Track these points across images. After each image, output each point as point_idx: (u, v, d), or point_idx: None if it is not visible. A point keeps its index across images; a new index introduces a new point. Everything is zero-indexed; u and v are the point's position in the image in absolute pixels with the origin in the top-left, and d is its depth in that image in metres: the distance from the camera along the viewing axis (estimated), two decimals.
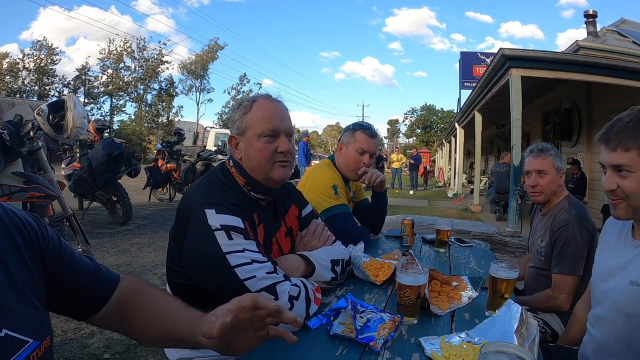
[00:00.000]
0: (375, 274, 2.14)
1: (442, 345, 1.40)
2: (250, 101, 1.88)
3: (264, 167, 1.82)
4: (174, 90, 57.59)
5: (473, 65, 27.13)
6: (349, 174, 3.02)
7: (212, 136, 24.76)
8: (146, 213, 10.81)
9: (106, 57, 52.41)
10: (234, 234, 1.62)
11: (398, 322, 1.56)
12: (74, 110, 4.70)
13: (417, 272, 1.67)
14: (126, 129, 48.80)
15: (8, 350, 0.91)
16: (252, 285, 1.55)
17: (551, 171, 2.76)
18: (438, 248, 2.95)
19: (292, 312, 1.49)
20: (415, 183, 23.23)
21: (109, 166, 7.70)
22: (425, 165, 23.73)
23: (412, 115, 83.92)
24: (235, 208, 1.70)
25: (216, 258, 1.58)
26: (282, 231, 2.01)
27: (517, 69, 9.07)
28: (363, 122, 3.16)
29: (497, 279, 1.81)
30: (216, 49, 58.74)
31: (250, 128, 1.83)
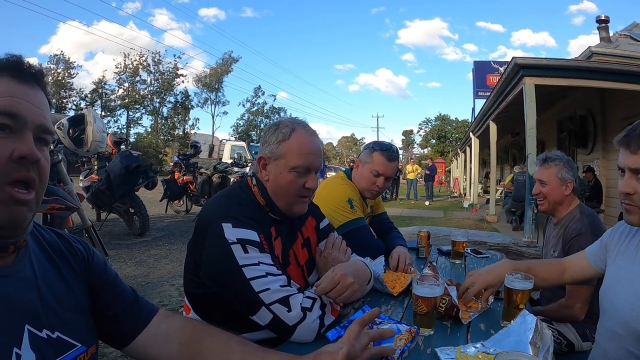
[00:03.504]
0: (392, 285, 2.16)
1: (457, 355, 1.41)
2: (290, 129, 1.87)
3: (288, 198, 1.86)
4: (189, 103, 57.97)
5: (486, 74, 27.02)
6: (363, 192, 2.98)
7: (227, 149, 24.92)
8: (163, 225, 10.90)
9: (122, 70, 52.96)
10: (250, 248, 1.65)
11: (415, 333, 1.58)
12: (94, 124, 4.80)
13: (433, 283, 1.69)
14: (142, 142, 49.11)
15: (59, 350, 1.04)
16: (266, 297, 1.59)
17: (553, 181, 2.76)
18: (454, 259, 2.95)
19: (304, 322, 1.58)
20: (431, 194, 23.08)
21: (126, 178, 7.80)
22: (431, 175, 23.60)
23: (427, 125, 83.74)
24: (251, 222, 1.73)
25: (232, 270, 1.62)
26: (299, 242, 2.03)
27: (530, 77, 9.01)
28: (384, 143, 3.07)
29: (512, 289, 1.82)
30: (230, 62, 59.07)
31: (285, 157, 1.84)
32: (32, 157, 0.97)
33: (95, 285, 1.24)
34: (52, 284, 1.11)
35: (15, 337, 0.95)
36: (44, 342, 1.00)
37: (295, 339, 1.58)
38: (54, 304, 1.08)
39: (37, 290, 1.05)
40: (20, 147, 0.96)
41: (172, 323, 1.33)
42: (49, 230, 1.23)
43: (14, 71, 0.99)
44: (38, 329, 1.00)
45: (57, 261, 1.17)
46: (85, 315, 1.17)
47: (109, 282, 1.29)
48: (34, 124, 0.99)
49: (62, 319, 1.08)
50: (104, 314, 1.24)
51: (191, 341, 1.29)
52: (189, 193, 12.32)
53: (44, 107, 1.04)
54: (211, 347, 1.27)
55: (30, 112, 0.99)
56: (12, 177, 0.95)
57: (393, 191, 23.42)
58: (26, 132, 0.98)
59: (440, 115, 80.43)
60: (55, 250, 1.19)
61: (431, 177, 23.48)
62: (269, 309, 1.58)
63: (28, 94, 1.00)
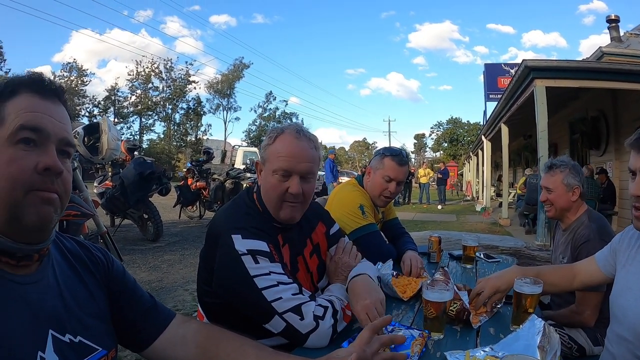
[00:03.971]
0: (402, 290, 2.19)
1: (466, 359, 1.43)
2: (277, 132, 1.89)
3: (273, 202, 1.85)
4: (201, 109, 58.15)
5: (497, 76, 26.82)
6: (375, 199, 3.00)
7: (240, 154, 25.04)
8: (176, 230, 10.97)
9: (135, 78, 53.27)
10: (260, 258, 1.69)
11: (427, 337, 1.60)
12: (109, 132, 4.88)
13: (442, 288, 1.71)
14: (155, 148, 49.34)
15: (81, 354, 1.10)
16: (279, 306, 1.62)
17: (558, 188, 2.76)
18: (465, 264, 2.96)
19: (317, 331, 1.60)
20: (443, 197, 22.93)
21: (140, 185, 7.88)
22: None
23: (438, 129, 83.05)
24: (259, 232, 1.76)
25: (244, 281, 1.66)
26: (308, 249, 2.05)
27: (541, 79, 8.97)
28: (394, 148, 3.10)
29: (521, 294, 1.84)
30: (242, 67, 59.18)
31: (269, 161, 1.86)
32: (56, 169, 1.03)
33: (115, 292, 1.30)
34: (74, 291, 1.17)
35: (40, 341, 1.01)
36: (66, 346, 1.06)
37: (309, 345, 1.61)
38: (76, 310, 1.14)
39: (60, 296, 1.11)
40: (44, 159, 1.01)
41: (188, 327, 1.38)
42: (70, 239, 1.29)
43: (36, 88, 1.06)
44: (61, 333, 1.06)
45: (79, 269, 1.23)
46: (105, 320, 1.23)
47: (128, 289, 1.35)
48: (57, 138, 1.05)
49: (84, 324, 1.14)
50: (123, 319, 1.29)
51: (207, 345, 1.34)
52: (202, 199, 12.39)
53: (66, 121, 1.10)
54: (226, 350, 1.32)
55: (52, 127, 1.05)
56: (38, 188, 1.01)
57: (405, 195, 23.35)
58: (49, 146, 1.04)
59: (452, 119, 79.78)
60: (76, 258, 1.25)
61: (443, 180, 23.37)
62: (282, 317, 1.61)
63: (50, 109, 1.06)
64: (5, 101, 1.02)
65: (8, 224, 1.00)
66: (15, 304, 1.00)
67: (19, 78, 1.07)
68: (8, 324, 0.96)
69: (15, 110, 1.01)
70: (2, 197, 0.98)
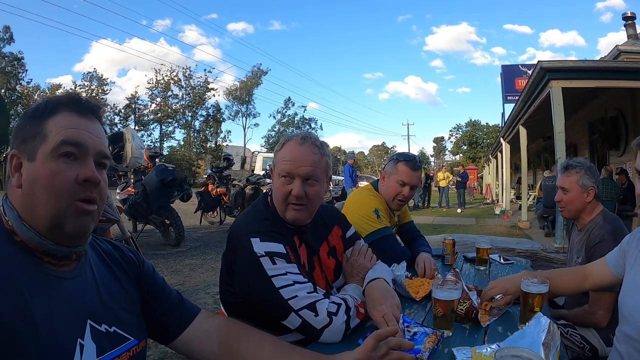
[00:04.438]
0: (415, 290, 2.26)
1: (473, 355, 1.49)
2: (285, 140, 2.02)
3: (279, 204, 1.96)
4: (220, 116, 58.70)
5: (515, 78, 26.53)
6: (389, 203, 3.09)
7: (259, 160, 25.17)
8: (197, 235, 11.10)
9: (154, 86, 53.87)
10: (277, 259, 1.80)
11: (440, 336, 1.67)
12: (132, 142, 5.03)
13: (451, 288, 1.79)
14: (176, 155, 49.74)
15: (115, 342, 1.23)
16: (295, 304, 1.72)
17: (574, 189, 2.78)
18: (478, 266, 3.01)
19: (331, 326, 1.70)
20: (463, 201, 22.72)
21: (162, 191, 8.01)
22: None
23: (457, 131, 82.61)
24: (276, 235, 1.87)
25: (263, 281, 1.76)
26: (325, 250, 2.14)
27: (557, 80, 8.94)
28: (407, 154, 3.18)
29: (528, 293, 1.89)
30: (260, 74, 59.63)
31: (276, 165, 1.98)
32: (94, 180, 1.16)
33: (146, 289, 1.44)
34: (109, 287, 1.30)
35: (80, 329, 1.13)
36: (103, 335, 1.19)
37: (323, 340, 1.70)
38: (111, 303, 1.27)
39: (97, 291, 1.25)
40: (84, 171, 1.14)
41: (213, 322, 1.50)
42: (105, 242, 1.44)
43: (74, 107, 1.19)
44: (98, 323, 1.19)
45: (113, 267, 1.38)
46: (137, 314, 1.37)
47: (157, 286, 1.49)
48: (95, 151, 1.18)
49: (118, 316, 1.27)
50: (153, 314, 1.43)
51: (229, 339, 1.46)
52: (223, 204, 12.54)
53: (102, 136, 1.24)
54: (247, 344, 1.44)
55: (91, 141, 1.18)
56: (79, 197, 1.14)
57: (425, 199, 23.28)
58: (88, 159, 1.16)
59: (471, 121, 79.19)
60: (111, 258, 1.39)
61: (463, 184, 23.21)
62: (298, 314, 1.71)
63: (88, 125, 1.19)
64: (47, 119, 1.15)
65: (51, 231, 1.13)
66: (58, 297, 1.12)
67: (58, 98, 1.20)
68: (53, 313, 1.08)
69: (56, 128, 1.14)
70: (47, 207, 1.11)
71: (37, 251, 1.13)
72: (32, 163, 1.13)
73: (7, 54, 45.37)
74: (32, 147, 1.13)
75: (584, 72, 8.97)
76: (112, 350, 1.20)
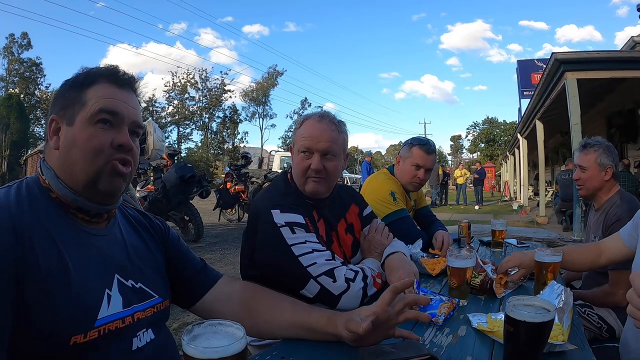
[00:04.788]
0: (432, 267, 2.33)
1: (488, 320, 1.52)
2: (304, 118, 2.12)
3: (299, 179, 2.07)
4: (237, 117, 58.84)
5: (531, 73, 26.25)
6: (406, 185, 3.17)
7: (277, 159, 25.40)
8: (216, 232, 11.20)
9: (171, 89, 54.23)
10: (297, 229, 1.88)
11: (455, 304, 1.73)
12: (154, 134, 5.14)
13: (465, 257, 1.85)
14: (193, 156, 49.90)
15: (140, 297, 1.31)
16: (313, 270, 1.80)
17: (592, 167, 2.78)
18: (494, 248, 3.05)
19: (348, 292, 1.77)
20: (481, 198, 22.42)
21: (181, 188, 8.13)
22: None
23: (475, 129, 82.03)
24: (296, 207, 1.97)
25: (283, 250, 1.85)
26: (343, 226, 2.22)
27: (571, 72, 8.91)
28: (421, 137, 3.28)
29: (542, 263, 1.93)
30: (276, 75, 59.76)
31: (296, 143, 2.09)
32: (128, 146, 1.27)
33: (171, 253, 1.54)
34: (136, 247, 1.40)
35: (108, 282, 1.22)
36: (129, 290, 1.28)
37: (341, 307, 1.76)
38: (138, 262, 1.37)
39: (125, 250, 1.35)
40: (118, 137, 1.25)
41: (234, 286, 1.60)
42: (133, 210, 1.55)
43: (113, 78, 1.30)
44: (125, 279, 1.28)
45: (141, 231, 1.48)
46: (162, 274, 1.46)
47: (182, 252, 1.58)
48: (130, 120, 1.29)
49: (144, 274, 1.36)
50: (177, 277, 1.52)
51: (249, 301, 1.54)
52: (241, 202, 12.65)
53: (137, 107, 1.34)
54: (266, 305, 1.52)
55: (126, 111, 1.28)
56: (114, 157, 1.24)
57: (442, 197, 23.20)
58: (123, 127, 1.27)
59: (488, 119, 78.70)
60: (139, 223, 1.50)
61: (480, 181, 23.00)
62: (317, 280, 1.79)
63: (125, 96, 1.30)
64: (87, 88, 1.25)
65: (86, 188, 1.23)
66: (89, 250, 1.22)
67: (97, 69, 1.31)
68: (84, 264, 1.18)
69: (95, 97, 1.24)
70: (84, 166, 1.21)
71: (71, 207, 1.23)
72: (70, 127, 1.23)
73: (26, 60, 46.02)
74: (72, 113, 1.24)
75: (599, 63, 8.91)
76: (137, 304, 1.29)
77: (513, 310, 1.09)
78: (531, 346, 1.09)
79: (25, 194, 1.19)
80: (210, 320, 0.91)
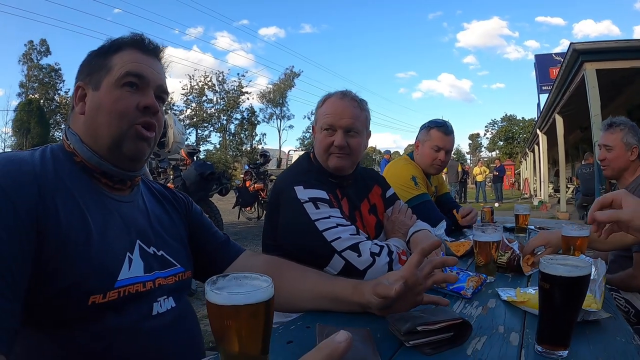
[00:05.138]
0: (457, 249, 2.33)
1: (517, 294, 1.50)
2: (326, 97, 2.13)
3: (322, 156, 2.08)
4: (255, 119, 58.99)
5: (549, 67, 25.85)
6: (427, 169, 3.16)
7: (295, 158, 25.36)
8: (236, 230, 11.23)
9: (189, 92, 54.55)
10: (320, 204, 1.87)
11: (483, 280, 1.72)
12: (174, 127, 5.18)
13: (491, 231, 1.84)
14: (212, 158, 50.07)
15: (162, 265, 1.32)
16: (338, 245, 1.78)
17: (618, 146, 2.76)
18: (517, 234, 3.01)
19: (374, 266, 1.75)
20: (500, 195, 22.29)
21: (201, 185, 8.15)
22: None
23: (493, 127, 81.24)
24: (319, 184, 1.96)
25: (307, 225, 1.83)
26: (366, 207, 2.22)
27: (590, 62, 8.81)
28: (438, 120, 3.26)
29: (570, 238, 1.90)
30: (292, 76, 59.88)
31: (318, 121, 2.10)
32: (154, 108, 1.29)
33: (194, 226, 1.56)
34: (159, 217, 1.43)
35: (130, 246, 1.24)
36: (150, 256, 1.29)
37: None
38: (161, 231, 1.38)
39: (147, 218, 1.37)
40: (144, 99, 1.27)
41: (257, 260, 1.60)
42: (157, 184, 1.58)
43: (138, 44, 1.32)
44: (147, 245, 1.30)
45: (164, 203, 1.50)
46: (184, 245, 1.48)
47: (205, 225, 1.61)
48: (155, 84, 1.31)
49: (166, 242, 1.38)
50: (199, 250, 1.54)
51: (272, 273, 1.50)
52: (260, 200, 12.66)
53: (162, 73, 1.37)
54: (289, 276, 1.49)
55: (152, 75, 1.31)
56: (139, 121, 1.26)
57: (461, 194, 23.09)
58: (149, 90, 1.29)
59: (507, 116, 78.01)
60: (162, 195, 1.53)
61: (500, 178, 22.83)
62: (341, 255, 1.76)
63: (150, 61, 1.33)
64: (112, 55, 1.28)
65: (110, 151, 1.25)
66: (111, 214, 1.24)
67: (123, 37, 1.33)
68: (106, 226, 1.19)
69: (120, 62, 1.27)
70: (110, 128, 1.23)
71: (95, 171, 1.25)
72: (96, 92, 1.25)
73: (45, 66, 46.63)
74: (98, 78, 1.26)
75: (618, 53, 8.80)
76: (159, 270, 1.30)
77: (548, 267, 1.07)
78: (568, 305, 1.06)
79: (49, 157, 1.21)
80: (234, 272, 0.90)
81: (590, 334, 1.22)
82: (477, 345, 1.14)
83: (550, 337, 1.09)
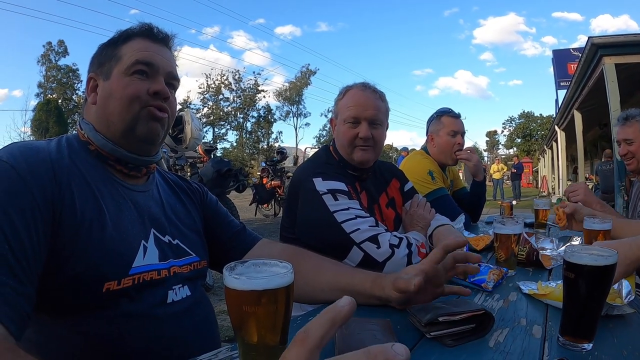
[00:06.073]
0: (476, 243, 2.30)
1: (539, 287, 1.48)
2: (346, 89, 2.12)
3: (346, 149, 2.06)
4: (271, 117, 59.33)
5: (567, 62, 25.41)
6: (446, 159, 3.15)
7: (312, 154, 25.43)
8: (252, 227, 10.72)
9: (206, 90, 54.90)
10: (339, 195, 1.86)
11: (504, 273, 1.69)
12: (192, 123, 5.22)
13: (512, 223, 1.81)
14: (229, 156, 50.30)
15: (177, 254, 1.33)
16: (357, 237, 1.77)
17: (638, 137, 2.71)
18: (537, 229, 2.94)
19: (393, 258, 1.73)
20: (518, 193, 22.18)
21: (218, 181, 8.19)
22: None
23: (510, 124, 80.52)
24: (338, 176, 1.95)
25: (325, 217, 1.83)
26: (384, 201, 2.21)
27: (609, 56, 8.62)
28: (443, 108, 3.27)
29: (591, 231, 1.89)
30: (308, 74, 60.04)
31: (340, 113, 2.09)
32: (164, 94, 1.30)
33: (209, 215, 1.56)
34: (174, 207, 1.44)
35: (144, 234, 1.25)
36: (165, 245, 1.30)
37: None
38: (176, 220, 1.40)
39: (162, 207, 1.38)
40: (154, 85, 1.29)
41: (274, 248, 1.60)
42: (173, 174, 1.59)
43: (147, 34, 1.35)
44: (161, 234, 1.31)
45: (179, 192, 1.51)
46: (200, 235, 1.48)
47: (220, 214, 1.60)
48: (165, 71, 1.33)
49: (181, 231, 1.39)
50: (215, 239, 1.54)
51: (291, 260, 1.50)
52: (277, 197, 12.74)
53: (172, 60, 1.39)
54: (307, 266, 1.47)
55: (161, 62, 1.32)
56: (150, 103, 1.28)
57: None
58: (159, 77, 1.31)
59: (524, 113, 77.29)
60: (177, 185, 1.54)
61: (518, 175, 22.65)
62: (360, 247, 1.76)
63: (160, 49, 1.35)
64: (122, 44, 1.30)
65: (124, 136, 1.27)
66: (126, 203, 1.25)
67: (132, 27, 1.35)
68: (121, 213, 1.21)
69: (130, 51, 1.29)
70: (121, 113, 1.25)
71: (110, 159, 1.27)
72: (107, 81, 1.28)
73: (63, 66, 47.57)
74: (108, 68, 1.28)
75: (638, 47, 8.56)
76: (174, 259, 1.31)
77: (573, 256, 1.05)
78: (593, 295, 1.04)
79: (65, 145, 1.23)
80: (253, 259, 0.88)
81: (615, 327, 1.19)
82: (500, 337, 1.12)
83: (574, 329, 1.06)
